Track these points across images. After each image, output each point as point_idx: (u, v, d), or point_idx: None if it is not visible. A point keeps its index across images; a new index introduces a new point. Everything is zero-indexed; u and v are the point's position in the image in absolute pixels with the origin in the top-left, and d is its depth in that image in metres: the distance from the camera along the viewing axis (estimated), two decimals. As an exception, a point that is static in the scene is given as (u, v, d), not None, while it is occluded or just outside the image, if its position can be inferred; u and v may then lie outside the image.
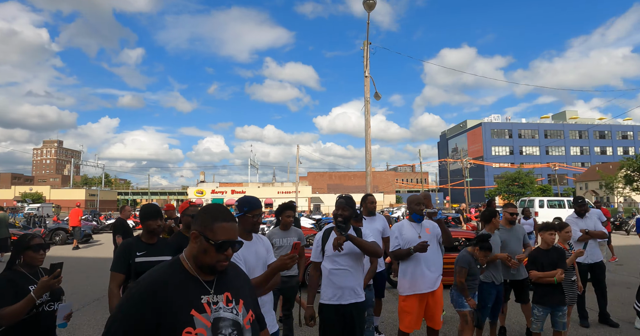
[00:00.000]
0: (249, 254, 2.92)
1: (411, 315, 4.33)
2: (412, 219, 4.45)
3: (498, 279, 5.08)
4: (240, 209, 3.00)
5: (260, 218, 3.03)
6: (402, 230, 4.42)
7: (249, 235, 3.01)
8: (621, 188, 41.04)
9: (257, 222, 2.99)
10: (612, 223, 21.01)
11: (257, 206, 3.02)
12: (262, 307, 2.99)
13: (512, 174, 53.43)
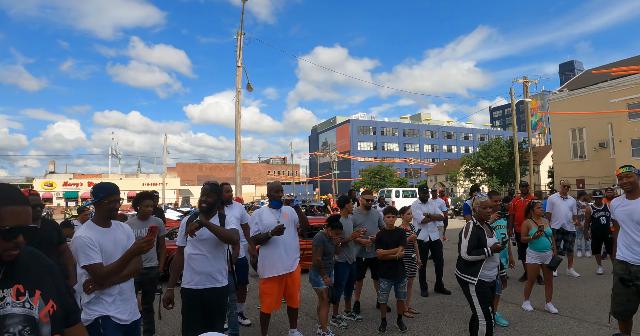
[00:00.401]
0: (107, 241, 2.85)
1: (271, 296, 4.53)
2: (271, 206, 4.63)
3: (351, 258, 5.56)
4: (96, 195, 2.89)
5: (117, 204, 2.95)
6: (261, 216, 4.58)
7: (107, 222, 2.94)
8: (462, 180, 47.43)
9: (114, 208, 2.92)
10: (453, 209, 24.34)
11: (113, 191, 2.93)
12: (121, 294, 2.86)
13: (375, 167, 58.04)
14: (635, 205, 3.88)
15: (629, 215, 3.93)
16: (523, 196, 7.91)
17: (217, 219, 3.90)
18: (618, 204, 4.11)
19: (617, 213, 4.08)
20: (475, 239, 4.10)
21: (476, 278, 4.05)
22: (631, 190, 3.93)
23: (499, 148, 40.28)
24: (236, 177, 15.98)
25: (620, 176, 3.97)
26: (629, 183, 3.90)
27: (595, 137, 33.98)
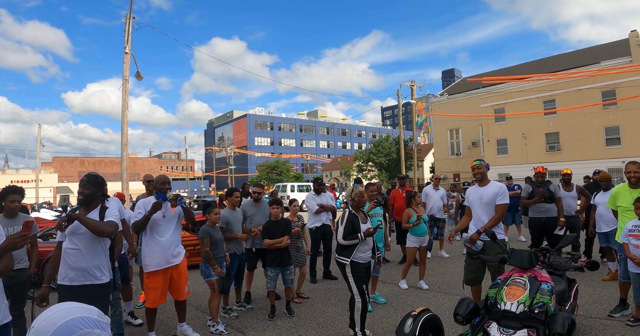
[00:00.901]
0: None
1: (156, 290, 4.45)
2: (157, 198, 4.53)
3: (239, 250, 5.64)
4: None
5: None
6: (147, 206, 4.48)
7: None
8: (355, 175, 49.80)
9: None
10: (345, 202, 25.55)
11: None
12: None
13: (271, 163, 58.30)
14: (485, 190, 4.85)
15: (479, 198, 4.85)
16: (401, 187, 8.67)
17: (96, 212, 3.72)
18: (472, 191, 5.03)
19: (471, 198, 4.98)
20: (350, 225, 4.46)
21: (349, 259, 4.43)
22: (481, 179, 4.91)
23: (388, 145, 43.14)
24: (122, 172, 14.92)
25: (473, 168, 4.94)
26: (479, 173, 4.88)
27: (469, 137, 38.05)
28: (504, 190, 4.78)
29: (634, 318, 4.78)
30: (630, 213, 4.99)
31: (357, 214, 4.61)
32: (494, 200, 4.72)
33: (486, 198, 4.76)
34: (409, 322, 3.23)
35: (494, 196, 4.72)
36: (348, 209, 4.65)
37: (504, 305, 3.12)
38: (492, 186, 4.82)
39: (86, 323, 1.09)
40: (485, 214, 4.78)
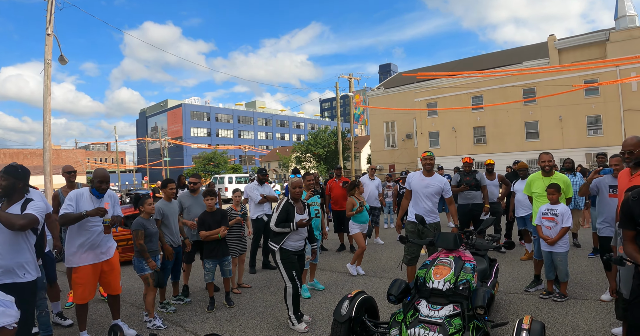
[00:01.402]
0: None
1: (84, 286, 4.22)
2: (92, 193, 4.30)
3: (175, 242, 5.51)
4: None
5: None
6: (79, 199, 4.20)
7: None
8: (294, 166, 49.92)
9: None
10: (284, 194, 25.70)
11: None
12: None
13: (208, 154, 56.79)
14: (431, 180, 5.36)
15: (425, 186, 5.34)
16: (337, 178, 8.89)
17: (20, 206, 3.49)
18: (416, 177, 5.47)
19: (415, 185, 5.43)
20: (285, 213, 4.58)
21: (278, 246, 4.57)
22: (430, 169, 5.40)
23: (326, 137, 43.63)
24: (45, 164, 13.85)
25: (425, 158, 5.39)
26: (430, 164, 5.36)
27: (404, 129, 39.46)
28: (448, 186, 5.38)
29: (546, 291, 5.31)
30: (543, 198, 5.50)
31: (295, 205, 4.70)
32: (440, 193, 5.32)
33: (433, 189, 5.30)
34: (346, 304, 3.39)
35: (439, 190, 5.30)
36: (287, 197, 4.73)
37: (432, 283, 3.36)
38: (439, 180, 5.33)
39: None
40: (429, 201, 5.34)
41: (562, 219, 5.09)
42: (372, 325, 3.49)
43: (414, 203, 5.45)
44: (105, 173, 4.38)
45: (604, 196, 4.89)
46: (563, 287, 5.16)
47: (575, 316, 4.56)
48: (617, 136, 26.48)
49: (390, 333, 3.22)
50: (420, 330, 3.05)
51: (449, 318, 3.12)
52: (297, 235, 4.67)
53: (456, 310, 3.19)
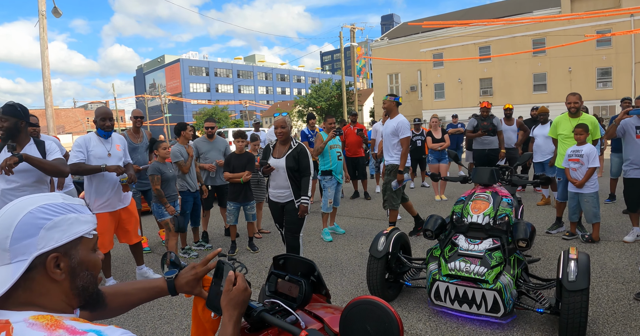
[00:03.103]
0: None
1: (103, 235, 4.02)
2: (99, 135, 4.04)
3: (193, 187, 5.42)
4: None
5: None
6: (88, 145, 3.95)
7: None
8: (296, 120, 49.50)
9: None
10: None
11: None
12: None
13: (209, 110, 56.14)
14: (389, 123, 5.36)
15: (385, 128, 5.42)
16: (352, 124, 8.69)
17: (35, 147, 3.35)
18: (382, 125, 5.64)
19: (384, 131, 5.48)
20: (263, 157, 4.40)
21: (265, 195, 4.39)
22: (388, 113, 5.41)
23: (329, 90, 42.86)
24: (48, 121, 13.51)
25: (384, 102, 5.39)
26: (386, 108, 5.36)
27: (408, 81, 38.65)
28: (403, 125, 5.18)
29: (569, 233, 5.29)
30: (569, 140, 5.35)
31: (274, 147, 4.39)
32: (396, 133, 5.20)
33: (389, 130, 5.30)
34: (382, 240, 3.33)
35: (394, 130, 5.20)
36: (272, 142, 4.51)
37: (470, 217, 3.29)
38: (395, 121, 5.25)
39: (51, 211, 0.86)
40: (390, 145, 5.33)
41: (587, 159, 4.96)
42: (407, 260, 3.46)
43: (384, 150, 5.55)
44: (106, 109, 4.14)
45: (631, 137, 4.77)
46: (595, 230, 5.04)
47: (601, 255, 4.55)
48: (626, 89, 25.94)
49: (428, 267, 3.19)
50: (461, 263, 3.00)
51: (489, 251, 3.07)
52: (273, 182, 4.32)
53: (495, 243, 3.14)
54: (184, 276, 1.25)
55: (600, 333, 2.97)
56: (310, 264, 1.37)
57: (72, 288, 0.89)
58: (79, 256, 0.89)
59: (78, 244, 0.89)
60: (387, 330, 1.08)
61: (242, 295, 1.10)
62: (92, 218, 0.94)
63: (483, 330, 3.06)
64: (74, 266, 0.88)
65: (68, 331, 0.78)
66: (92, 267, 0.92)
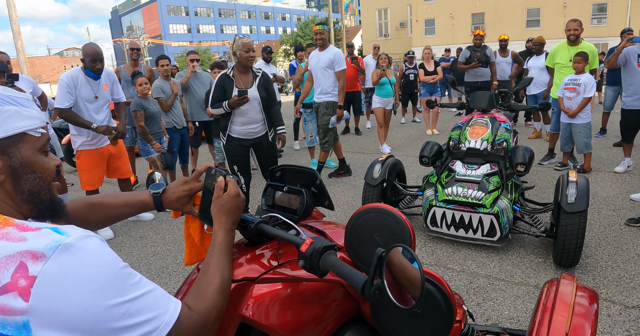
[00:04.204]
0: None
1: (90, 171, 3.91)
2: (87, 75, 3.70)
3: (179, 123, 5.21)
4: None
5: None
6: (76, 85, 3.65)
7: None
8: (282, 60, 48.13)
9: None
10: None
11: None
12: None
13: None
14: (323, 55, 4.93)
15: (317, 62, 4.96)
16: (349, 56, 8.32)
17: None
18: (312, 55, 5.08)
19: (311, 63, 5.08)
20: (220, 90, 3.56)
21: (225, 136, 3.72)
22: (322, 44, 4.95)
23: (315, 28, 41.28)
24: (21, 67, 12.69)
25: (315, 32, 4.93)
26: (321, 39, 4.91)
27: (397, 18, 37.19)
28: (340, 55, 4.88)
29: (561, 164, 5.28)
30: (566, 70, 5.19)
31: (235, 77, 3.60)
32: (331, 66, 4.86)
33: (323, 64, 4.88)
34: (377, 167, 3.25)
35: (330, 62, 4.84)
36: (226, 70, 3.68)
37: (468, 143, 3.19)
38: (329, 52, 4.88)
39: None
40: (323, 78, 4.94)
41: (584, 89, 4.83)
42: (403, 188, 3.41)
43: (315, 83, 5.14)
44: (96, 48, 3.75)
45: (633, 67, 4.62)
46: (587, 161, 5.04)
47: (592, 185, 4.57)
48: (620, 26, 25.11)
49: (425, 194, 3.14)
50: (459, 189, 2.95)
51: (487, 176, 3.01)
52: (242, 117, 3.61)
53: (493, 168, 3.07)
54: (173, 191, 1.12)
55: (593, 256, 3.01)
56: (311, 173, 1.24)
57: (16, 192, 0.78)
58: (22, 155, 0.77)
59: (19, 142, 0.76)
60: (399, 238, 0.97)
61: (234, 200, 0.98)
62: (38, 114, 0.79)
63: (478, 254, 3.08)
64: (14, 167, 0.76)
65: (18, 228, 0.68)
66: (40, 170, 0.80)
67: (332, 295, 1.10)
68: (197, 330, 0.78)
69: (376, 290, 0.78)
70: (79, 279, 0.64)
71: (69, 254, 0.64)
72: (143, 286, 0.71)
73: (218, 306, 0.83)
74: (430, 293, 0.98)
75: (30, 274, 0.62)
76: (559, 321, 1.29)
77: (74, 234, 0.67)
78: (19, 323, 0.60)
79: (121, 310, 0.66)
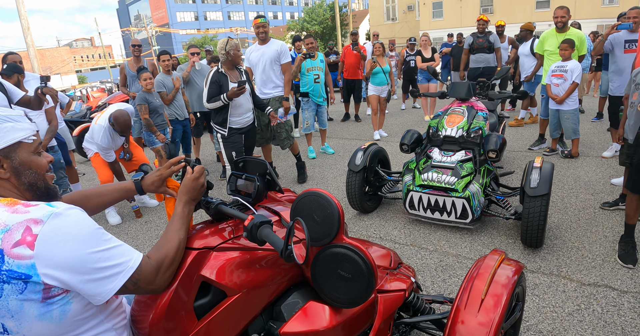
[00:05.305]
0: None
1: (105, 167, 4.38)
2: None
3: (181, 115, 5.46)
4: None
5: None
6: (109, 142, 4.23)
7: None
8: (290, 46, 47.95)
9: None
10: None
11: None
12: None
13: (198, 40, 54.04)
14: (266, 48, 4.76)
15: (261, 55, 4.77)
16: (353, 44, 8.44)
17: None
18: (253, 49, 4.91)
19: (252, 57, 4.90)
20: (216, 86, 3.88)
21: (225, 129, 4.06)
22: (264, 38, 4.78)
23: (322, 12, 40.95)
24: (32, 61, 12.95)
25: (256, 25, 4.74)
26: (263, 32, 4.73)
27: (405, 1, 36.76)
28: (286, 48, 4.82)
29: (549, 149, 5.44)
30: (555, 56, 5.30)
31: (227, 73, 3.96)
32: (278, 59, 4.74)
33: (270, 56, 4.72)
34: (360, 155, 3.47)
35: (276, 55, 4.71)
36: (217, 66, 4.01)
37: (445, 131, 3.39)
38: (275, 44, 4.77)
39: None
40: (273, 73, 4.80)
41: (571, 75, 4.94)
42: (385, 174, 3.63)
43: (258, 78, 4.94)
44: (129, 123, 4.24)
45: (619, 53, 4.71)
46: (574, 146, 5.17)
47: (577, 169, 4.73)
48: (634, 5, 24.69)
49: (404, 179, 3.36)
50: (434, 174, 3.16)
51: (461, 162, 3.21)
52: (240, 108, 4.05)
53: (468, 155, 3.27)
54: (149, 177, 1.44)
55: (562, 237, 3.20)
56: (263, 164, 1.50)
57: (19, 184, 1.08)
58: (20, 158, 1.07)
59: (17, 148, 1.06)
60: (329, 215, 1.22)
61: (192, 182, 1.28)
62: (29, 126, 1.10)
63: (452, 235, 3.30)
64: (16, 166, 1.06)
65: (23, 205, 0.99)
66: (35, 167, 1.10)
67: (279, 262, 1.36)
68: (153, 272, 1.08)
69: (289, 254, 1.05)
70: (66, 235, 0.95)
71: (58, 219, 0.95)
72: (113, 242, 1.03)
73: (170, 256, 1.13)
74: (354, 260, 1.21)
75: (34, 233, 0.93)
76: (478, 288, 1.53)
77: (61, 207, 0.99)
78: (28, 264, 0.91)
79: (97, 256, 0.98)
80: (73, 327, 1.01)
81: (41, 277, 0.91)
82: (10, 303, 0.92)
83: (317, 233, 1.24)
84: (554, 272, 2.76)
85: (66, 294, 0.97)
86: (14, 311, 0.93)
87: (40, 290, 0.93)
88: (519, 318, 1.85)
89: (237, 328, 1.26)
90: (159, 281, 1.09)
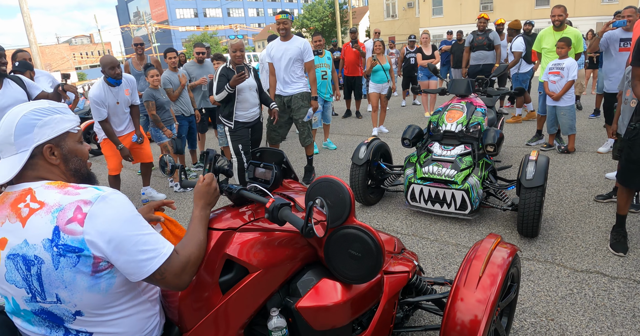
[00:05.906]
0: None
1: (116, 156, 4.42)
2: (108, 83, 4.14)
3: (187, 111, 5.59)
4: None
5: None
6: (104, 99, 4.13)
7: None
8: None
9: None
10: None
11: None
12: None
13: (198, 37, 54.05)
14: (289, 44, 4.64)
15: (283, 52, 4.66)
16: (352, 43, 8.56)
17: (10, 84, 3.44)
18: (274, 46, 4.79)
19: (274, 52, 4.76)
20: (224, 79, 4.06)
21: (232, 122, 4.19)
22: (285, 34, 4.66)
23: (322, 9, 40.99)
24: (34, 58, 13.04)
25: (278, 21, 4.64)
26: (284, 29, 4.61)
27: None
28: (309, 45, 4.74)
29: (547, 145, 5.57)
30: (552, 54, 5.42)
31: (234, 69, 4.13)
32: (300, 56, 4.64)
33: (292, 54, 4.60)
34: (363, 149, 3.61)
35: (299, 52, 4.60)
36: (225, 64, 4.21)
37: (445, 126, 3.53)
38: (298, 42, 4.65)
39: (41, 113, 1.14)
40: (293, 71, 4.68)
41: (567, 72, 5.07)
42: (387, 167, 3.76)
43: (277, 76, 4.81)
44: (111, 57, 4.26)
45: (614, 51, 4.83)
46: (571, 142, 5.28)
47: (573, 164, 4.86)
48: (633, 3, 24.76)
49: (405, 172, 3.49)
50: (434, 167, 3.30)
51: (460, 156, 3.35)
52: (245, 102, 4.19)
53: (467, 149, 3.41)
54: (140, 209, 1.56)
55: (557, 228, 3.34)
56: (280, 154, 1.65)
57: (67, 170, 1.20)
58: (68, 146, 1.20)
59: (66, 137, 1.20)
60: (341, 200, 1.36)
61: (205, 188, 1.40)
62: (74, 117, 1.24)
63: (452, 225, 3.45)
64: (64, 153, 1.19)
65: (73, 188, 1.13)
66: (80, 154, 1.23)
67: (295, 242, 1.50)
68: (180, 266, 1.18)
69: (310, 230, 1.18)
70: (110, 216, 1.08)
71: (104, 202, 1.08)
72: (149, 229, 1.15)
73: (195, 253, 1.24)
74: (364, 240, 1.35)
75: (84, 212, 1.06)
76: (476, 267, 1.67)
77: (108, 191, 1.12)
78: (79, 239, 1.05)
79: (136, 239, 1.10)
80: (116, 298, 1.14)
81: (91, 251, 1.04)
82: (65, 274, 1.04)
83: (330, 216, 1.36)
84: (548, 260, 2.90)
85: (111, 268, 1.10)
86: (68, 282, 1.05)
87: (90, 263, 1.05)
88: (514, 299, 1.99)
89: (258, 303, 1.40)
90: (185, 276, 1.19)
